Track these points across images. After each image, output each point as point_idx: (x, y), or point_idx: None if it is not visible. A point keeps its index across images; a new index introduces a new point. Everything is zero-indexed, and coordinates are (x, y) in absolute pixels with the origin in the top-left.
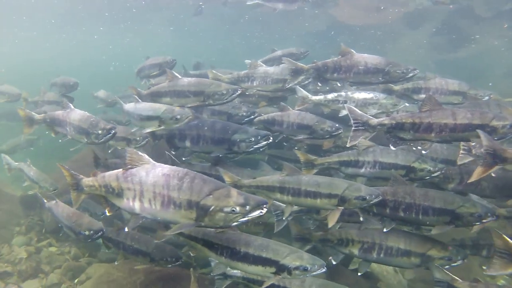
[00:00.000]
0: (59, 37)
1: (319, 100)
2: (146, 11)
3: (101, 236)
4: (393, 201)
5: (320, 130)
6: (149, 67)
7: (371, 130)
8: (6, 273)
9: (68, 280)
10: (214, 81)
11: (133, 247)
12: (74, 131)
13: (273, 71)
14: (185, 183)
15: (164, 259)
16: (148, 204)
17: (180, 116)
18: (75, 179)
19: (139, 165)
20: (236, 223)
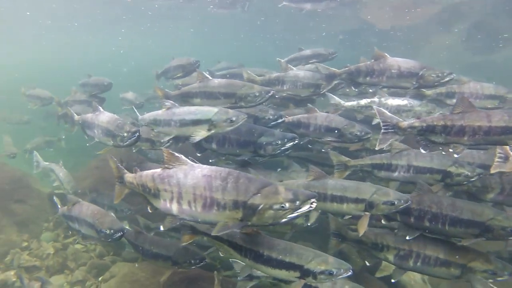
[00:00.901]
0: (84, 39)
1: (351, 106)
2: (164, 12)
3: (122, 236)
4: (418, 210)
5: (349, 133)
6: (173, 69)
7: (400, 133)
8: (35, 267)
9: (92, 277)
10: (246, 82)
11: (152, 251)
12: (101, 133)
13: (304, 75)
14: (229, 183)
15: (187, 261)
16: (187, 206)
17: (235, 118)
18: (120, 172)
19: (176, 166)
20: (285, 219)
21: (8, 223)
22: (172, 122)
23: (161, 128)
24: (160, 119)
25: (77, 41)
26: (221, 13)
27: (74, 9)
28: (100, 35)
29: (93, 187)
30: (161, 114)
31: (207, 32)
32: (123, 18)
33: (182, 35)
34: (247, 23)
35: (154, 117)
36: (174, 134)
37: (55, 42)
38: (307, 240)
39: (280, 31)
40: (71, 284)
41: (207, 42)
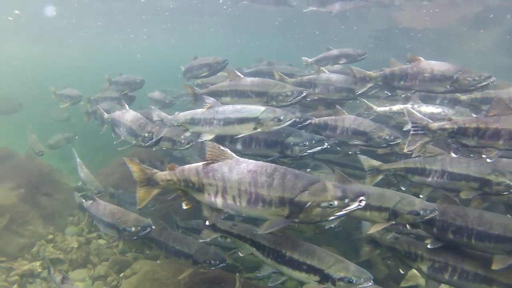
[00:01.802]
0: (108, 38)
1: (384, 111)
2: (182, 13)
3: (149, 233)
4: (442, 221)
5: (377, 138)
6: (198, 67)
7: (430, 135)
8: (59, 260)
9: (114, 273)
10: (278, 81)
11: (175, 248)
12: (125, 132)
13: (337, 79)
14: (275, 180)
15: (208, 262)
16: (232, 200)
17: (283, 117)
18: (147, 174)
19: (221, 160)
20: (333, 217)
21: (36, 216)
22: (215, 121)
23: (200, 128)
24: (199, 118)
25: (101, 40)
26: (269, 10)
27: (97, 9)
28: (122, 35)
29: (118, 184)
30: (200, 112)
31: (227, 32)
32: (142, 18)
33: (203, 35)
34: (271, 22)
35: (192, 116)
36: (216, 134)
37: (81, 42)
38: (331, 244)
39: (307, 31)
40: (93, 279)
41: (228, 41)
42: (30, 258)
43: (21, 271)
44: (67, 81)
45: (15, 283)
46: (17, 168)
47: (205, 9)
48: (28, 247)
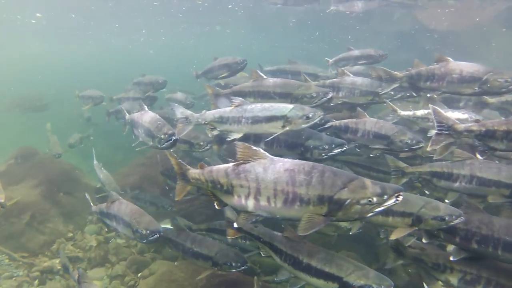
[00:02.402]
0: (124, 39)
1: (407, 115)
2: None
3: (157, 238)
4: (465, 230)
5: (399, 142)
6: (217, 68)
7: (456, 136)
8: (78, 258)
9: (131, 273)
10: (302, 82)
11: (193, 250)
12: (143, 133)
13: (362, 83)
14: (314, 178)
15: (228, 264)
16: (266, 202)
17: (311, 115)
18: (182, 169)
19: (253, 160)
20: (371, 214)
21: (56, 214)
22: (243, 119)
23: (228, 126)
24: (227, 116)
25: (119, 41)
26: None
27: (114, 10)
28: (140, 36)
29: (137, 184)
30: (229, 111)
31: (243, 34)
32: (158, 19)
33: (219, 36)
34: (288, 23)
35: (220, 114)
36: (244, 132)
37: (100, 42)
38: (351, 249)
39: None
40: (111, 278)
41: (246, 42)
42: (50, 255)
43: (42, 267)
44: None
45: (36, 278)
46: (39, 166)
47: (217, 11)
48: (48, 244)
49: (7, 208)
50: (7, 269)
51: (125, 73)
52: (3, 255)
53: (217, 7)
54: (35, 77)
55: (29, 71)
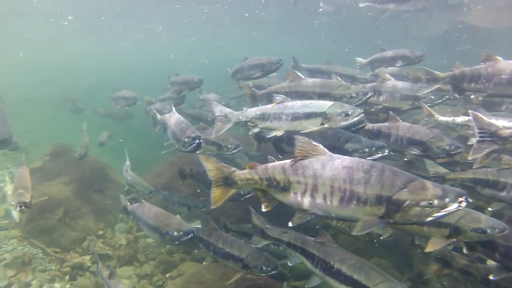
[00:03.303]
0: (156, 40)
1: (446, 122)
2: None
3: (191, 238)
4: (507, 246)
5: (436, 148)
6: (249, 68)
7: (500, 142)
8: (107, 255)
9: (160, 273)
10: (342, 82)
11: (224, 251)
12: (171, 135)
13: (403, 86)
14: (373, 176)
15: (259, 267)
16: (322, 199)
17: (351, 112)
18: (224, 172)
19: (312, 156)
20: (431, 218)
21: (87, 211)
22: (283, 116)
23: (269, 123)
24: (269, 113)
25: (150, 42)
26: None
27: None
28: (169, 37)
29: (168, 184)
30: (270, 108)
31: (269, 35)
32: (183, 22)
33: (246, 37)
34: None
35: (262, 111)
36: (283, 129)
37: (130, 43)
38: (383, 256)
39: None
40: (139, 277)
41: (278, 43)
42: (81, 251)
43: (72, 263)
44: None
45: (67, 274)
46: (73, 163)
47: (238, 13)
48: (79, 241)
49: (42, 204)
50: (41, 262)
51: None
52: (38, 249)
53: (239, 10)
54: (71, 77)
55: (66, 72)
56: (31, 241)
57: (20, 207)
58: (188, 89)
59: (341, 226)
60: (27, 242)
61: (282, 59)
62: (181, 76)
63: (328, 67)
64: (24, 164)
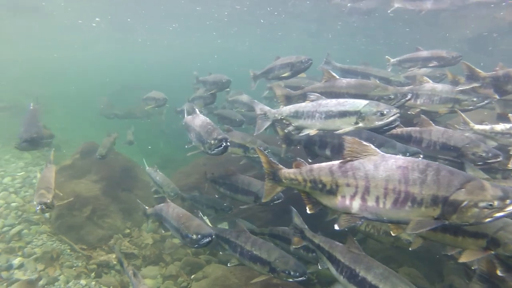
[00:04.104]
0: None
1: (483, 130)
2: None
3: (209, 242)
4: None
5: (472, 154)
6: (279, 67)
7: None
8: (133, 254)
9: (185, 274)
10: (379, 83)
11: (252, 253)
12: (195, 138)
13: (442, 89)
14: (429, 176)
15: (287, 272)
16: (374, 202)
17: (386, 112)
18: (272, 168)
19: (362, 157)
20: (489, 219)
21: (115, 209)
22: (317, 114)
23: (303, 121)
24: (303, 111)
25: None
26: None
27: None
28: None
29: (196, 185)
30: (304, 105)
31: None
32: (206, 23)
33: (272, 39)
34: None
35: (296, 109)
36: (316, 128)
37: (157, 43)
38: (413, 265)
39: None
40: (164, 277)
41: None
42: (107, 249)
43: (99, 261)
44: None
45: (93, 271)
46: (102, 162)
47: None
48: (106, 239)
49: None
50: (68, 258)
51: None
52: (66, 245)
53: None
54: (99, 77)
55: (96, 71)
56: (59, 237)
57: (40, 207)
58: (218, 89)
59: (369, 231)
60: (56, 237)
61: (312, 58)
62: (212, 75)
63: (363, 68)
64: (51, 163)
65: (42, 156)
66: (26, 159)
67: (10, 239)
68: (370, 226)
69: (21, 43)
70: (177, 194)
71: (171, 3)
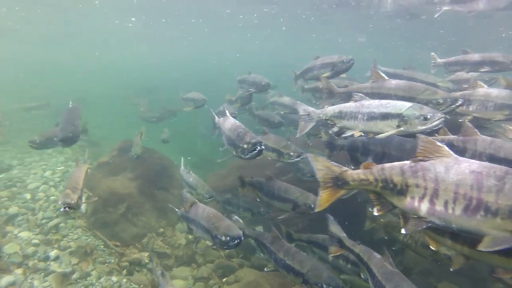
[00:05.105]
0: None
1: None
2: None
3: (238, 244)
4: None
5: None
6: (319, 67)
7: None
8: (165, 254)
9: (217, 277)
10: (429, 86)
11: (285, 262)
12: (226, 141)
13: (498, 94)
14: (507, 184)
15: (319, 284)
16: (443, 207)
17: (430, 116)
18: (335, 172)
19: (435, 158)
20: None
21: (150, 208)
22: (359, 115)
23: (346, 122)
24: (346, 111)
25: (210, 44)
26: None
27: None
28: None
29: (233, 187)
30: (348, 106)
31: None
32: (239, 26)
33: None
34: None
35: (340, 109)
36: (359, 130)
37: (191, 44)
38: (453, 280)
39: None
40: (195, 279)
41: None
42: (140, 247)
43: (131, 259)
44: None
45: (124, 268)
46: (139, 160)
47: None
48: (139, 237)
49: (106, 198)
50: (101, 254)
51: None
52: (99, 241)
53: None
54: (134, 76)
55: (130, 69)
56: (94, 232)
57: (64, 208)
58: (256, 90)
59: (407, 241)
60: (91, 233)
61: (353, 58)
62: (252, 75)
63: (408, 72)
64: (85, 162)
65: (82, 152)
66: (67, 154)
67: (48, 231)
68: (408, 236)
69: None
70: (212, 197)
71: (204, 5)
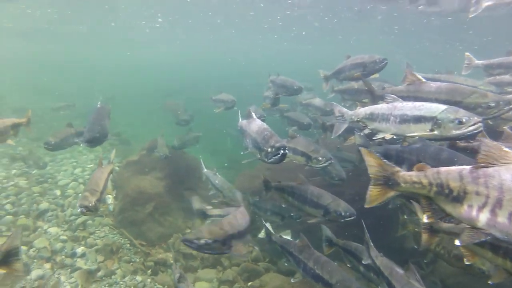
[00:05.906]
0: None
1: None
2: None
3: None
4: None
5: None
6: (350, 68)
7: None
8: (191, 255)
9: (242, 280)
10: (475, 89)
11: (314, 272)
12: (251, 144)
13: None
14: None
15: None
16: (506, 219)
17: (465, 120)
18: (387, 171)
19: (500, 164)
20: None
21: (177, 208)
22: (392, 117)
23: (377, 124)
24: (378, 113)
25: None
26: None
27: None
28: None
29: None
30: (380, 107)
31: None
32: (264, 27)
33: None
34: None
35: (372, 111)
36: (390, 132)
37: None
38: None
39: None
40: (220, 282)
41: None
42: (165, 247)
43: (156, 259)
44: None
45: (149, 268)
46: (168, 159)
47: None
48: (165, 237)
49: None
50: (127, 253)
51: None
52: (126, 240)
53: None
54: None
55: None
56: (121, 230)
57: (81, 210)
58: (286, 93)
59: (440, 251)
60: (117, 231)
61: (387, 58)
62: (281, 77)
63: (446, 76)
64: (109, 163)
65: (111, 151)
66: (97, 151)
67: (76, 228)
68: (440, 246)
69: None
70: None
71: (229, 7)
